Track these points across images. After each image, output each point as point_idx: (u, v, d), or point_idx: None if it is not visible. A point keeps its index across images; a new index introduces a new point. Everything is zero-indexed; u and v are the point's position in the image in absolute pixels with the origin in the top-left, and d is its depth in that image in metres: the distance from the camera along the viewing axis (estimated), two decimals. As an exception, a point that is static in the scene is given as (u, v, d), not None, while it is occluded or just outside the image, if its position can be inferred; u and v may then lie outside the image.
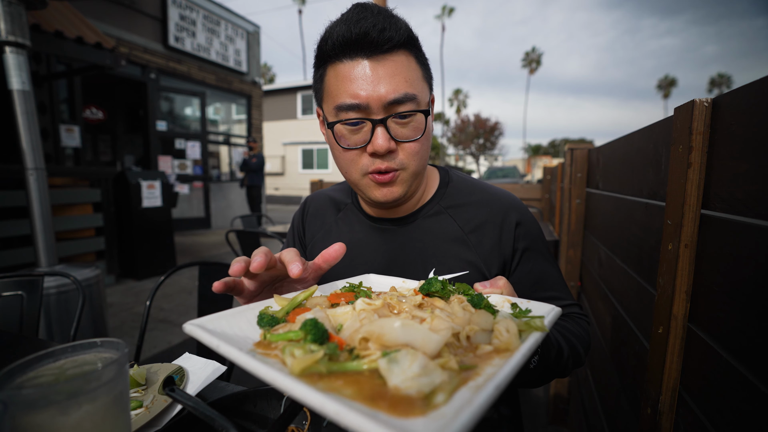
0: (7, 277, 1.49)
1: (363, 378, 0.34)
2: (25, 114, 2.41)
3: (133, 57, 7.13)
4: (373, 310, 0.47)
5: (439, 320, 0.43)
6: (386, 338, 0.38)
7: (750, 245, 0.57)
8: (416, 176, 0.82)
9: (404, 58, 0.75)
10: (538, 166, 29.14)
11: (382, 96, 0.72)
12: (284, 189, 24.02)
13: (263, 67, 51.45)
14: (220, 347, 0.39)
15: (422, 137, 0.78)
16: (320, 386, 0.33)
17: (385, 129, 0.74)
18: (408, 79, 0.74)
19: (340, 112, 0.75)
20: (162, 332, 3.43)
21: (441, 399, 0.31)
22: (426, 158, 0.83)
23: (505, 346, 0.41)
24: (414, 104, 0.75)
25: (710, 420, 0.66)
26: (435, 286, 0.56)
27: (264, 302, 0.54)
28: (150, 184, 5.11)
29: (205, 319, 0.46)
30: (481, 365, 0.38)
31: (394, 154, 0.77)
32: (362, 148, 0.77)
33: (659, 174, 0.93)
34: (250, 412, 0.71)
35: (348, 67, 0.73)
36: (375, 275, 0.73)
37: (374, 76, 0.72)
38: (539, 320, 0.45)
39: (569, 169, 2.10)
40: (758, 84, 0.57)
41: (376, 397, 0.31)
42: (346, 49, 0.73)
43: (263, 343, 0.44)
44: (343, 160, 0.81)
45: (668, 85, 63.13)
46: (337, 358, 0.37)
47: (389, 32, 0.71)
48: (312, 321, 0.40)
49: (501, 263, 0.86)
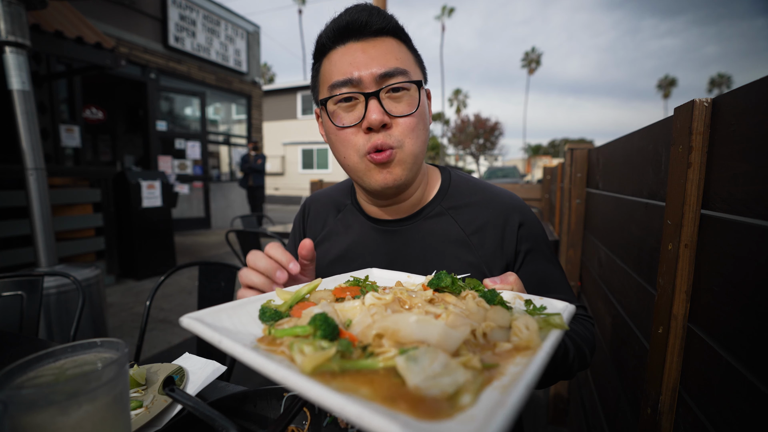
0: (7, 277, 1.49)
1: (378, 377, 0.32)
2: (25, 114, 2.41)
3: (133, 57, 7.12)
4: (384, 305, 0.44)
5: (455, 316, 0.41)
6: (401, 334, 0.36)
7: (750, 245, 0.57)
8: (414, 158, 0.80)
9: (394, 42, 0.79)
10: (538, 166, 29.14)
11: (374, 70, 0.75)
12: (284, 189, 24.01)
13: (263, 67, 51.46)
14: (223, 343, 0.36)
15: (417, 112, 0.78)
16: (334, 386, 0.30)
17: (378, 102, 0.75)
18: (399, 57, 0.77)
19: (333, 89, 0.77)
20: (162, 332, 3.43)
21: (467, 400, 0.29)
22: (423, 140, 0.81)
23: (525, 344, 0.39)
24: (406, 78, 0.77)
25: (710, 420, 0.66)
26: (445, 281, 0.54)
27: (265, 296, 0.52)
28: (150, 184, 5.11)
29: (204, 312, 0.43)
30: (503, 364, 0.36)
31: (390, 130, 0.77)
32: (357, 126, 0.77)
33: (659, 174, 0.93)
34: (250, 412, 0.71)
35: (340, 52, 0.78)
36: (379, 270, 0.71)
37: (365, 54, 0.76)
38: (558, 317, 0.44)
39: (569, 169, 2.10)
40: (758, 84, 0.57)
41: (395, 398, 0.29)
42: (338, 37, 0.77)
43: (267, 338, 0.41)
44: (339, 143, 0.81)
45: (668, 85, 63.13)
46: (350, 355, 0.35)
47: (377, 17, 0.76)
48: (322, 316, 0.38)
49: (503, 265, 0.85)
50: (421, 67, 0.84)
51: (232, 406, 0.70)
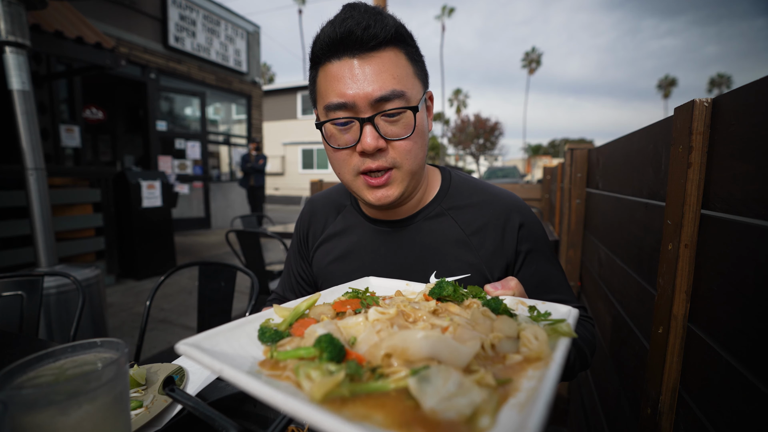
0: (7, 277, 1.49)
1: (391, 400, 0.31)
2: (25, 114, 2.41)
3: (133, 57, 7.13)
4: (389, 320, 0.43)
5: (462, 329, 0.40)
6: (410, 352, 0.35)
7: (750, 245, 0.57)
8: (412, 176, 0.80)
9: (392, 55, 0.74)
10: (538, 166, 29.14)
11: (369, 94, 0.72)
12: (284, 189, 24.01)
13: (263, 67, 51.45)
14: (224, 371, 0.34)
15: (413, 134, 0.76)
16: (346, 413, 0.29)
17: (374, 127, 0.73)
18: (395, 75, 0.73)
19: (329, 112, 0.76)
20: (162, 332, 3.43)
21: (486, 422, 0.28)
22: (422, 157, 0.81)
23: (536, 355, 0.38)
24: (402, 101, 0.74)
25: (710, 420, 0.66)
26: (447, 289, 0.53)
27: (263, 314, 0.51)
28: (150, 184, 5.11)
29: (200, 337, 0.41)
30: (516, 379, 0.35)
31: (385, 152, 0.76)
32: (352, 148, 0.77)
33: (659, 174, 0.93)
34: (250, 412, 0.71)
35: (336, 67, 0.74)
36: (376, 278, 0.70)
37: (360, 75, 0.72)
38: (565, 325, 0.43)
39: (569, 169, 2.10)
40: (758, 84, 0.57)
41: (410, 423, 0.28)
42: (333, 50, 0.73)
43: (269, 362, 0.39)
44: (335, 161, 0.81)
45: (668, 85, 63.14)
46: (360, 377, 0.34)
47: (374, 29, 0.71)
48: (327, 337, 0.37)
49: (504, 265, 0.85)
50: (421, 75, 0.81)
51: (232, 406, 0.70)
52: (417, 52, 0.80)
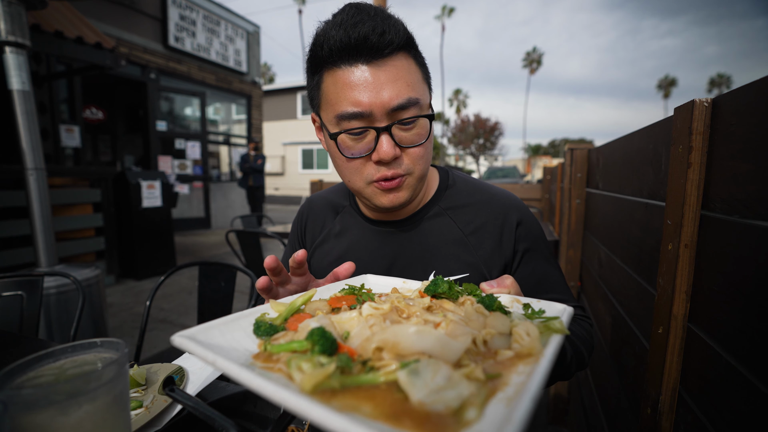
0: (7, 277, 1.49)
1: (380, 392, 0.31)
2: (25, 114, 2.41)
3: (133, 57, 7.13)
4: (382, 315, 0.44)
5: (454, 324, 0.40)
6: (402, 346, 0.35)
7: (750, 245, 0.57)
8: (422, 180, 0.81)
9: (404, 61, 0.73)
10: (538, 166, 29.15)
11: (386, 102, 0.70)
12: (284, 189, 24.02)
13: (263, 67, 51.45)
14: (217, 362, 0.35)
15: (426, 141, 0.77)
16: (335, 404, 0.30)
17: (390, 136, 0.72)
18: (410, 82, 0.72)
19: (342, 122, 0.73)
20: (162, 332, 3.43)
21: (473, 415, 0.29)
22: (430, 161, 0.82)
23: (527, 351, 0.39)
24: (417, 109, 0.73)
25: (710, 420, 0.66)
26: (442, 287, 0.53)
27: (259, 308, 0.51)
28: (150, 184, 5.11)
29: (196, 329, 0.42)
30: (505, 373, 0.35)
31: (400, 160, 0.76)
32: (366, 156, 0.75)
33: (659, 174, 0.93)
34: (250, 412, 0.71)
35: (347, 73, 0.70)
36: (373, 276, 0.70)
37: (376, 82, 0.69)
38: (557, 322, 0.43)
39: (569, 169, 2.10)
40: (758, 84, 0.57)
41: (398, 415, 0.28)
42: (345, 55, 0.70)
43: (263, 354, 0.40)
44: (346, 170, 0.79)
45: (668, 85, 63.13)
46: (350, 370, 0.34)
47: (389, 35, 0.68)
48: (319, 330, 0.38)
49: (502, 265, 0.85)
50: (427, 79, 0.80)
51: (232, 406, 0.70)
52: (422, 56, 0.80)
